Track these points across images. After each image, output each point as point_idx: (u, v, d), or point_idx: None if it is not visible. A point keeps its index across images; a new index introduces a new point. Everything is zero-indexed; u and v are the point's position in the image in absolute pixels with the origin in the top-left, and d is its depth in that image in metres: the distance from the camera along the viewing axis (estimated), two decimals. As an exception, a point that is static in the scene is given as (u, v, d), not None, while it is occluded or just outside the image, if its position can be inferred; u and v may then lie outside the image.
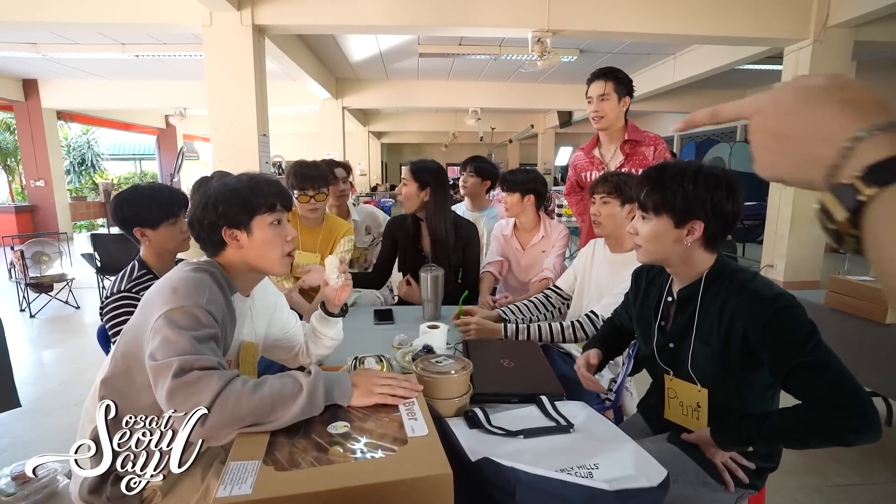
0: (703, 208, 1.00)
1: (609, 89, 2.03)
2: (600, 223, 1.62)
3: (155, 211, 1.43)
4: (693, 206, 1.00)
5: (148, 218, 1.43)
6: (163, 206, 1.43)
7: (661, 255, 1.07)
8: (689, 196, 0.99)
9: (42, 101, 8.16)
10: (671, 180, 1.01)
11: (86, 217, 9.91)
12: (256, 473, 0.67)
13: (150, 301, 0.96)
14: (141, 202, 1.43)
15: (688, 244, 1.03)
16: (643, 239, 1.07)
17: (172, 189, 1.52)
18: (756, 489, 1.11)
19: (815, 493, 1.79)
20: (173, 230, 1.46)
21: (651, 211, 1.05)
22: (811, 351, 0.91)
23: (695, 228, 1.01)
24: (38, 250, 4.26)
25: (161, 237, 1.45)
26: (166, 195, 1.47)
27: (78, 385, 2.83)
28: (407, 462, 0.70)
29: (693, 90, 8.03)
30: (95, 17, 4.08)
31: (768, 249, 4.87)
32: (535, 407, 1.04)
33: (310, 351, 1.32)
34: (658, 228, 1.04)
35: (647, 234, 1.06)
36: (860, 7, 3.92)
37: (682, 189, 1.00)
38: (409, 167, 2.03)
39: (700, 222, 1.01)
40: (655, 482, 0.82)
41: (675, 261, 1.07)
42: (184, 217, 1.47)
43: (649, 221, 1.06)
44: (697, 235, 1.02)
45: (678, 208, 1.01)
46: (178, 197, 1.49)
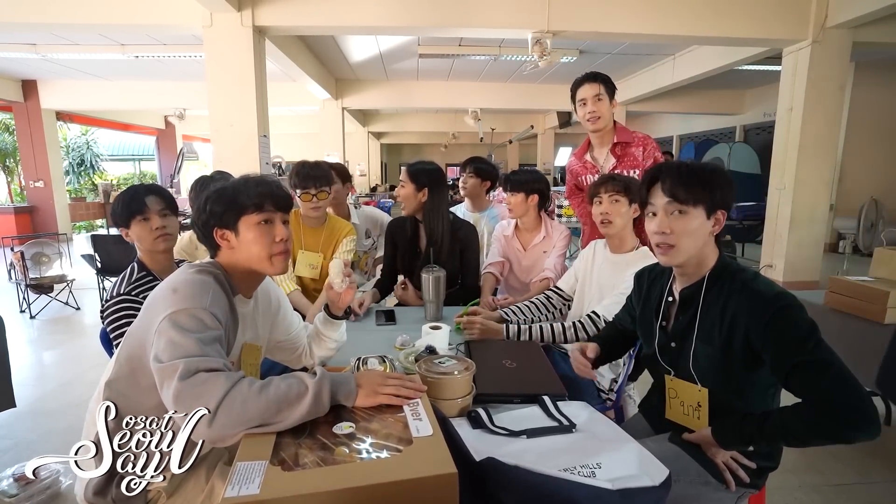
0: (724, 199, 1.04)
1: (602, 90, 2.04)
2: (611, 222, 1.61)
3: (121, 209, 1.42)
4: (720, 196, 1.04)
5: (122, 217, 1.42)
6: (126, 205, 1.41)
7: (693, 251, 1.05)
8: (715, 186, 1.03)
9: (41, 101, 8.16)
10: (700, 171, 1.04)
11: (85, 218, 9.90)
12: (264, 473, 0.68)
13: (153, 303, 0.96)
14: (117, 201, 1.43)
15: (712, 235, 1.06)
16: (680, 236, 1.03)
17: (139, 187, 1.48)
18: (757, 488, 1.12)
19: (814, 492, 1.80)
20: (144, 227, 1.43)
21: (690, 203, 1.03)
22: (812, 350, 0.92)
23: (720, 218, 1.05)
24: (38, 251, 4.26)
25: (135, 235, 1.43)
26: (130, 193, 1.44)
27: (78, 386, 2.83)
28: (412, 462, 0.71)
29: (692, 90, 8.06)
30: (95, 18, 4.08)
31: (767, 249, 4.88)
32: (537, 407, 1.05)
33: (313, 352, 1.33)
34: (697, 222, 1.03)
35: (686, 229, 1.03)
36: (859, 8, 3.93)
37: (711, 179, 1.03)
38: (407, 169, 2.04)
39: (723, 212, 1.05)
40: (658, 481, 0.83)
41: (694, 259, 1.08)
42: (158, 215, 1.44)
43: (687, 215, 1.03)
44: (721, 225, 1.06)
45: (709, 199, 1.03)
46: (137, 194, 1.44)
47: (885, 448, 2.12)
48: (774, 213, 4.75)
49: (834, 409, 0.89)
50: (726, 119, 9.37)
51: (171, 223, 1.48)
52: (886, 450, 2.10)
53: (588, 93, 2.05)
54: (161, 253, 1.47)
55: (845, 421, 0.88)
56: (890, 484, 1.85)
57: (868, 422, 0.87)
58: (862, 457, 2.00)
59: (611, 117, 2.09)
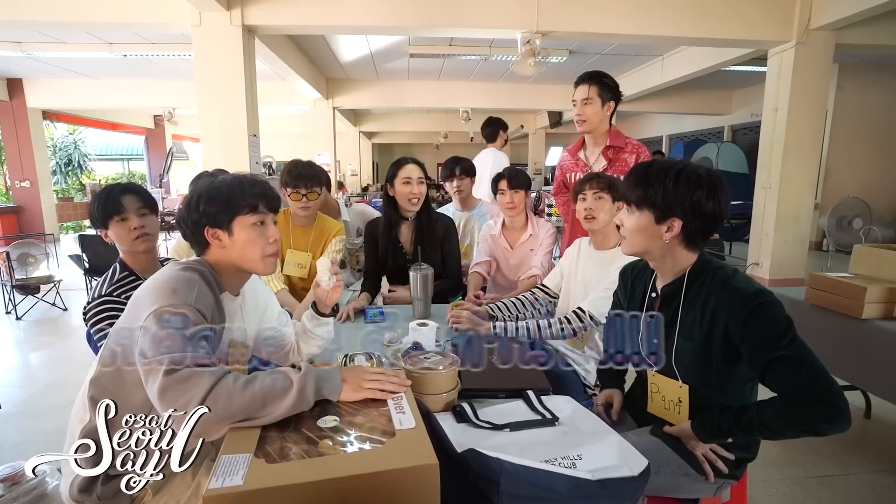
0: (682, 206, 1.02)
1: (593, 93, 2.06)
2: (595, 217, 1.64)
3: (97, 209, 1.40)
4: (672, 204, 1.03)
5: (99, 217, 1.40)
6: (102, 205, 1.39)
7: (642, 248, 1.11)
8: (668, 193, 1.02)
9: (27, 100, 8.04)
10: (654, 177, 1.04)
11: (73, 218, 9.77)
12: (248, 466, 0.69)
13: (138, 300, 0.96)
14: (93, 201, 1.41)
15: (666, 241, 1.06)
16: (627, 231, 1.11)
17: (113, 186, 1.46)
18: (736, 479, 1.15)
19: (795, 484, 1.84)
20: (123, 227, 1.40)
21: (634, 205, 1.08)
22: (787, 345, 0.94)
23: (673, 226, 1.04)
24: (24, 252, 4.21)
25: (114, 236, 1.41)
26: (106, 193, 1.42)
27: (65, 387, 2.80)
28: (394, 453, 0.72)
29: (681, 91, 8.15)
30: (82, 17, 4.04)
31: (754, 248, 4.95)
32: (521, 401, 1.06)
33: (301, 350, 1.33)
34: (640, 222, 1.07)
35: (630, 226, 1.10)
36: (841, 10, 4.01)
37: (663, 186, 1.03)
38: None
39: (678, 220, 1.03)
40: (637, 471, 0.85)
41: (656, 255, 1.11)
42: (136, 214, 1.42)
43: (633, 215, 1.09)
44: (675, 233, 1.05)
45: (658, 205, 1.04)
46: (114, 194, 1.42)
47: (864, 441, 2.17)
48: (761, 211, 4.82)
49: (806, 402, 0.92)
50: (715, 119, 9.47)
51: (150, 222, 1.45)
52: (865, 442, 2.15)
53: (578, 95, 2.10)
54: (142, 253, 1.44)
55: (817, 414, 0.91)
56: (868, 475, 1.90)
57: (839, 415, 0.90)
58: (842, 450, 2.05)
59: (599, 120, 2.10)
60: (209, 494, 0.63)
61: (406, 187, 1.99)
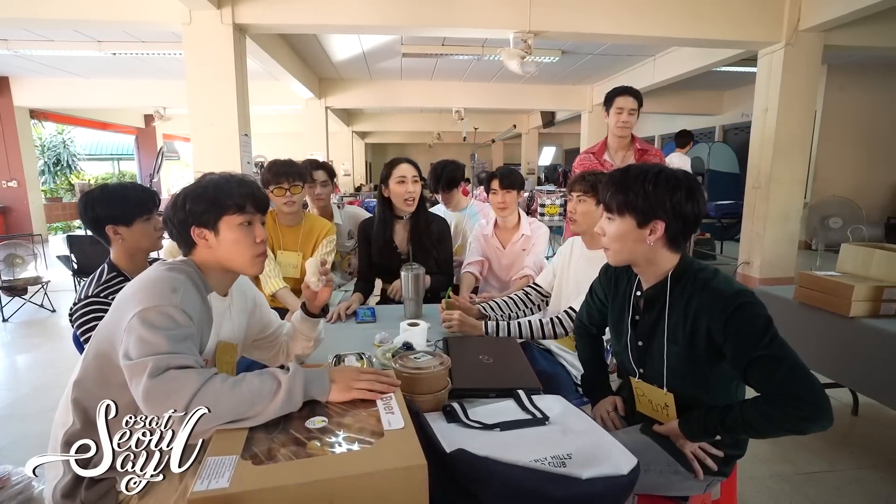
0: (664, 208, 1.03)
1: (635, 105, 2.43)
2: (576, 220, 1.68)
3: (129, 207, 1.42)
4: (654, 207, 1.04)
5: (122, 215, 1.41)
6: (137, 203, 1.43)
7: (627, 255, 1.11)
8: (649, 196, 1.03)
9: (14, 99, 7.91)
10: (633, 182, 1.05)
11: (61, 219, 9.64)
12: (234, 467, 0.68)
13: (123, 300, 0.95)
14: (114, 200, 1.41)
15: (650, 244, 1.07)
16: (609, 240, 1.11)
17: (144, 187, 1.52)
18: (725, 476, 1.15)
19: (784, 481, 1.85)
20: (147, 227, 1.45)
21: (615, 211, 1.08)
22: (767, 345, 0.95)
23: (656, 228, 1.05)
24: (11, 252, 4.16)
25: (135, 235, 1.43)
26: (139, 192, 1.46)
27: (53, 390, 2.76)
28: (383, 454, 0.72)
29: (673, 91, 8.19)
30: (70, 14, 3.98)
31: (745, 247, 4.99)
32: (512, 401, 1.06)
33: (291, 350, 1.32)
34: (622, 228, 1.08)
35: (612, 234, 1.10)
36: (829, 12, 4.05)
37: (643, 189, 1.04)
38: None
39: (661, 222, 1.05)
40: (626, 470, 0.85)
41: (641, 260, 1.11)
42: (157, 215, 1.46)
43: (614, 222, 1.09)
44: (659, 235, 1.05)
45: (640, 208, 1.05)
46: (150, 194, 1.48)
47: (851, 438, 2.19)
48: (751, 211, 4.86)
49: (788, 401, 0.93)
50: (706, 119, 9.54)
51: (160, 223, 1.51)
52: (852, 439, 2.18)
53: (625, 104, 2.43)
54: (143, 252, 1.48)
55: (798, 413, 0.92)
56: (855, 472, 1.92)
57: (821, 413, 0.91)
58: (830, 447, 2.07)
59: (632, 128, 2.52)
60: (194, 497, 0.62)
61: (401, 186, 1.99)
